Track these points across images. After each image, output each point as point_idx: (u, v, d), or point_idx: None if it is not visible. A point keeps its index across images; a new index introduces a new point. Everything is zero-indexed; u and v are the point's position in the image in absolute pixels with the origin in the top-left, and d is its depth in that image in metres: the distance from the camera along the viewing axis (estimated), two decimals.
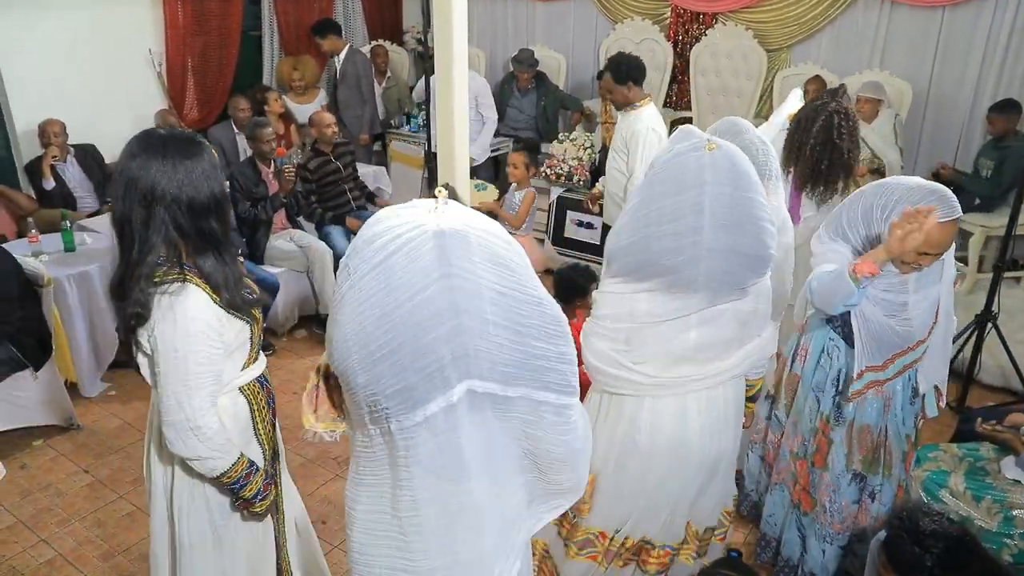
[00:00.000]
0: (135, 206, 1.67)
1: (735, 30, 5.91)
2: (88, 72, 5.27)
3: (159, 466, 1.90)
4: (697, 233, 1.84)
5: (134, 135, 1.75)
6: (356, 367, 1.21)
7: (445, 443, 1.25)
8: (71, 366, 3.86)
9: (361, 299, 1.18)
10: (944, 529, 1.78)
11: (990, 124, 4.80)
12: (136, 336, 1.72)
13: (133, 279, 1.68)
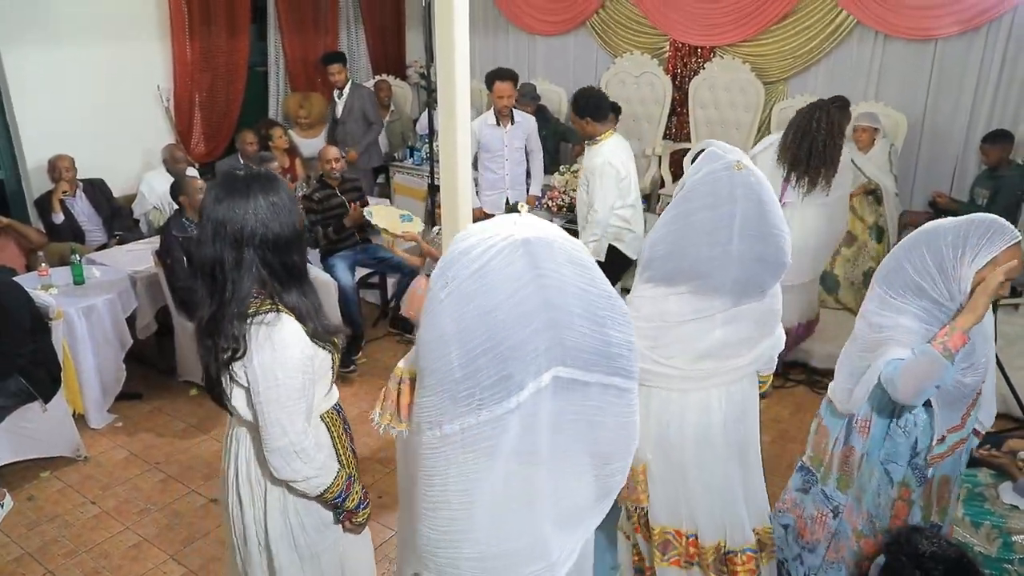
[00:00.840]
0: (226, 248, 1.72)
1: (733, 63, 6.02)
2: (98, 108, 5.38)
3: (249, 495, 1.93)
4: (728, 243, 2.05)
5: (214, 179, 1.84)
6: (455, 363, 1.38)
7: (528, 427, 1.42)
8: (79, 398, 3.90)
9: (462, 302, 1.36)
10: (943, 551, 1.80)
11: (984, 154, 4.87)
12: (231, 370, 1.77)
13: (227, 318, 1.73)
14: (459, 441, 1.43)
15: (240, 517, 1.96)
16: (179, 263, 4.16)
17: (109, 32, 5.36)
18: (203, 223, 1.76)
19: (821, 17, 5.58)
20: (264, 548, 1.97)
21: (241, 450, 1.92)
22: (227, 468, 1.98)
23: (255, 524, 1.95)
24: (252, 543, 1.97)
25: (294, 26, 6.70)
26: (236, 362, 1.75)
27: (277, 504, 1.92)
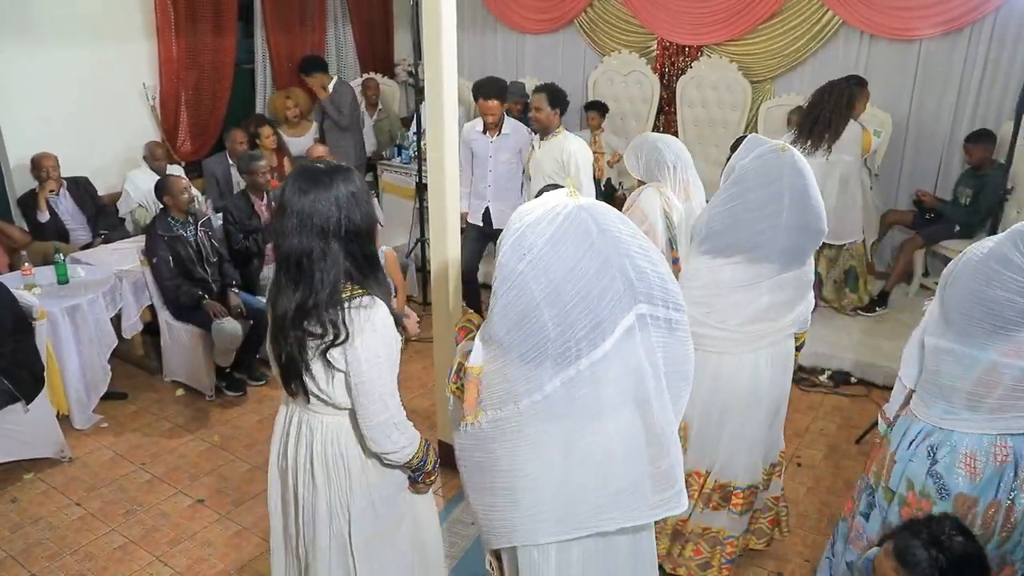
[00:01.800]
0: (313, 239, 1.79)
1: (720, 62, 6.04)
2: (82, 106, 5.33)
3: (325, 478, 1.99)
4: (778, 216, 2.36)
5: (293, 172, 1.86)
6: (549, 324, 1.61)
7: (624, 369, 1.64)
8: (63, 398, 3.87)
9: (545, 265, 1.60)
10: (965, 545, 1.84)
11: (967, 154, 4.91)
12: (328, 356, 1.83)
13: (321, 306, 1.80)
14: (562, 397, 1.65)
15: (312, 503, 2.02)
16: (165, 262, 4.14)
17: (94, 30, 5.32)
18: (286, 215, 1.80)
19: (807, 17, 5.60)
20: (341, 529, 2.03)
21: (317, 435, 1.98)
22: (294, 457, 2.03)
23: (334, 506, 2.01)
24: (324, 527, 2.03)
25: (281, 24, 6.66)
26: (336, 348, 1.81)
27: (360, 482, 2.00)
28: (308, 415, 1.99)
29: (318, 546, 2.06)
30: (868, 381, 4.42)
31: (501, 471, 1.78)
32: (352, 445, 1.99)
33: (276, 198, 4.65)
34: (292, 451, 2.04)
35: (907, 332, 4.81)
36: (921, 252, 5.16)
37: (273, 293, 1.90)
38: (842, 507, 3.35)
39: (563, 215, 1.62)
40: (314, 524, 2.04)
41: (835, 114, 4.43)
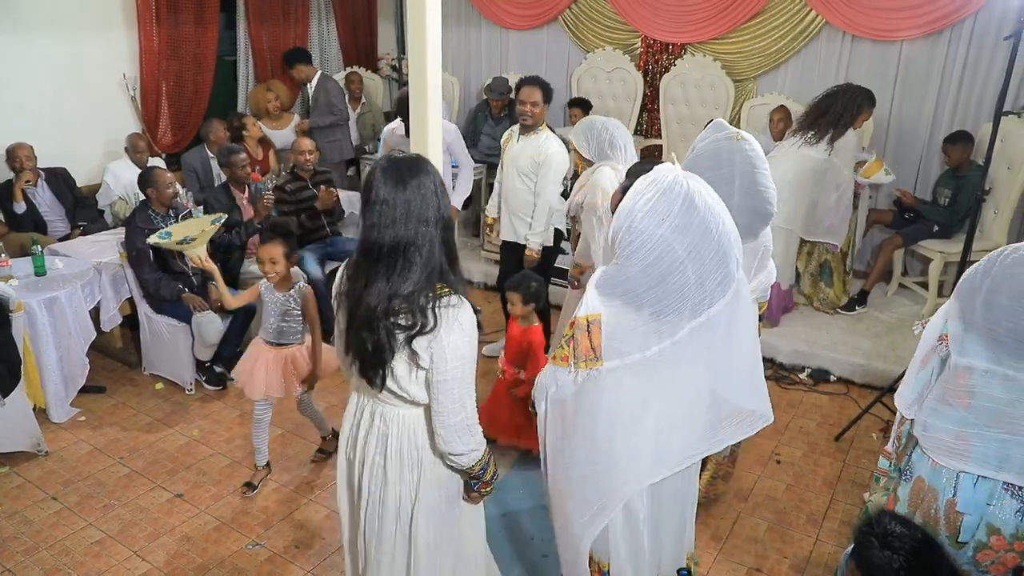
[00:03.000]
0: (414, 229, 1.80)
1: (703, 60, 6.06)
2: (61, 96, 5.26)
3: (398, 473, 1.99)
4: (728, 199, 2.29)
5: (382, 165, 1.86)
6: (691, 278, 1.92)
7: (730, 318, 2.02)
8: (40, 392, 3.83)
9: (684, 227, 1.91)
10: (910, 532, 1.84)
11: (946, 155, 4.97)
12: (412, 350, 1.82)
13: (413, 295, 1.80)
14: (687, 343, 1.98)
15: (381, 495, 2.02)
16: (145, 255, 4.09)
17: (73, 19, 5.24)
18: (378, 207, 1.81)
19: (790, 17, 5.64)
20: (407, 525, 2.03)
21: (392, 428, 1.97)
22: (363, 448, 2.03)
23: (403, 501, 2.01)
24: (392, 520, 2.03)
25: (264, 16, 6.61)
26: (422, 339, 1.81)
27: (429, 477, 2.00)
28: (383, 407, 1.98)
29: (383, 539, 2.05)
30: (847, 379, 4.46)
31: (621, 421, 2.06)
32: (427, 439, 1.99)
33: (258, 191, 4.62)
34: (362, 442, 2.04)
35: (886, 331, 4.92)
36: (900, 252, 5.22)
37: (356, 287, 1.87)
38: (821, 503, 3.40)
39: (684, 184, 1.93)
40: (381, 517, 2.04)
41: (844, 113, 4.59)
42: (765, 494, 3.47)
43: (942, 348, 2.16)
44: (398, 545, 2.06)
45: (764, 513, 3.34)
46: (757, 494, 3.47)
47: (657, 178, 1.94)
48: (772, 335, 4.60)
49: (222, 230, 4.27)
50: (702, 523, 3.15)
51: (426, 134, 3.12)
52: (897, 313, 5.05)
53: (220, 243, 4.46)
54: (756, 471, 3.63)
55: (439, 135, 3.22)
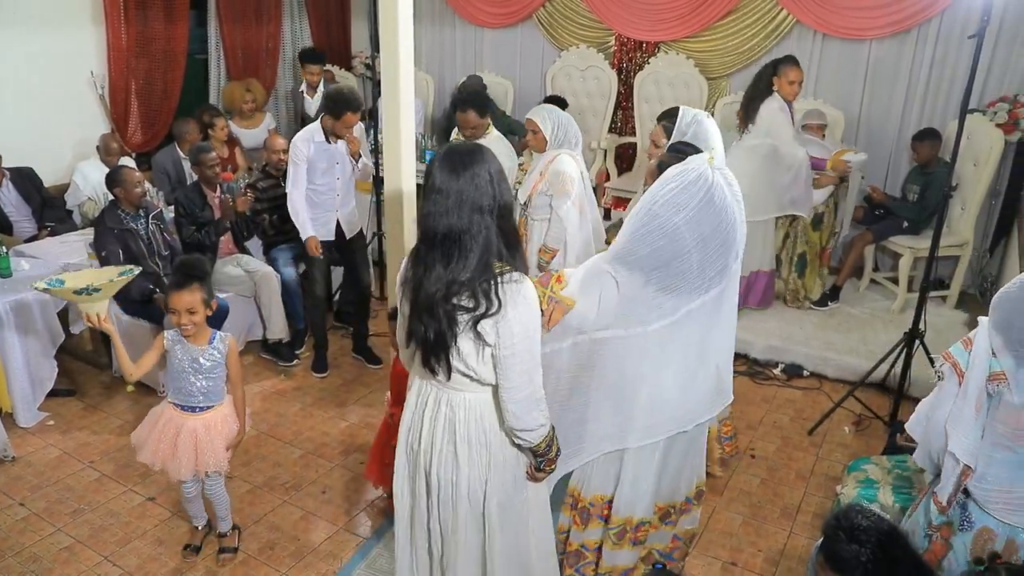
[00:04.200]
0: (470, 217, 1.85)
1: (677, 59, 6.09)
2: (27, 94, 5.17)
3: (468, 456, 2.03)
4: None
5: (441, 155, 1.92)
6: (695, 265, 2.16)
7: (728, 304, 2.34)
8: (6, 395, 3.76)
9: (698, 220, 2.14)
10: (876, 524, 1.86)
11: (915, 152, 5.04)
12: (478, 330, 1.86)
13: (472, 280, 1.85)
14: (684, 322, 2.23)
15: (453, 480, 2.05)
16: (114, 255, 4.02)
17: (39, 15, 5.15)
18: (435, 196, 1.87)
19: (762, 16, 5.69)
20: (480, 507, 2.07)
21: (460, 412, 2.01)
22: (430, 435, 2.05)
23: (474, 484, 2.05)
24: (464, 504, 2.07)
25: (235, 14, 6.53)
26: (488, 320, 1.85)
27: (498, 458, 2.05)
28: (448, 393, 2.01)
29: (458, 524, 2.09)
30: (820, 374, 4.50)
31: (626, 383, 2.31)
32: (494, 421, 2.03)
33: (230, 189, 4.56)
34: (428, 429, 2.06)
35: (858, 326, 4.98)
36: (871, 247, 5.29)
37: (417, 273, 1.92)
38: (795, 497, 3.43)
39: (711, 182, 2.13)
40: (455, 501, 2.07)
41: (754, 98, 4.65)
42: (740, 488, 3.50)
43: (997, 387, 1.98)
44: (472, 528, 2.10)
45: (739, 507, 3.37)
46: (732, 488, 3.50)
47: (685, 170, 2.15)
48: (746, 331, 4.63)
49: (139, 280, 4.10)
50: None
51: (399, 132, 3.12)
52: (869, 308, 5.11)
53: (191, 243, 4.41)
54: (731, 465, 3.66)
55: (412, 133, 3.22)
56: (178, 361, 2.75)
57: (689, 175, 2.14)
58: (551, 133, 3.66)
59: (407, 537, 2.25)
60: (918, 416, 2.22)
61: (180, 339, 2.75)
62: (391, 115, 3.14)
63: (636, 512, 2.54)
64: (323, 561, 3.01)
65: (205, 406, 2.81)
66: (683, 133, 3.03)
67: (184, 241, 4.40)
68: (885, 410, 4.03)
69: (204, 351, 2.77)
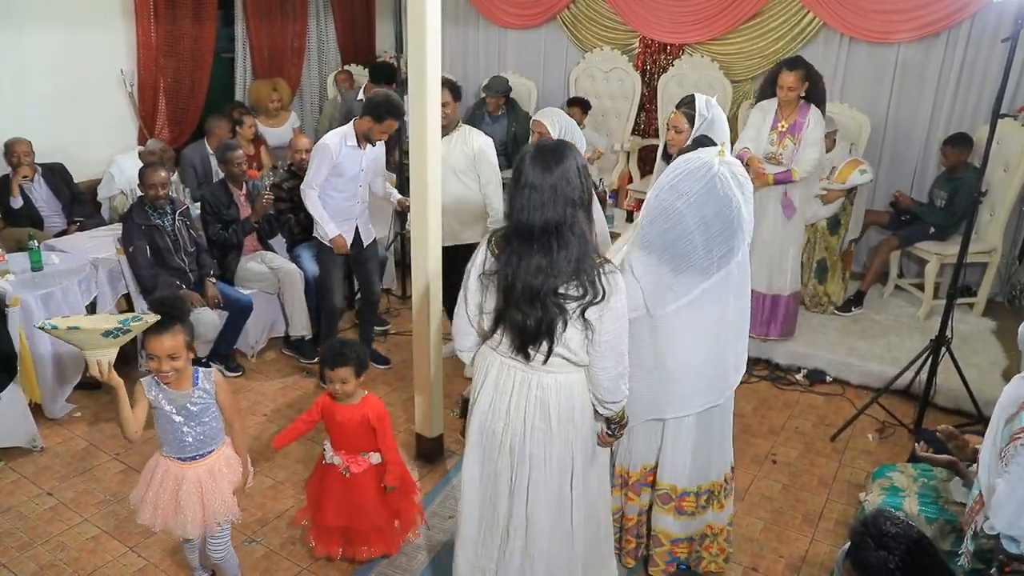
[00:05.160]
0: (564, 210, 1.98)
1: (701, 61, 6.07)
2: (59, 91, 5.25)
3: (561, 431, 2.17)
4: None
5: (532, 152, 2.03)
6: (699, 247, 2.31)
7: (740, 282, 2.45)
8: (35, 387, 3.81)
9: (700, 205, 2.27)
10: (905, 531, 1.84)
11: (943, 156, 4.99)
12: (585, 317, 2.01)
13: (579, 271, 1.99)
14: (699, 301, 2.37)
15: (546, 456, 2.18)
16: (141, 251, 4.08)
17: (71, 14, 5.23)
18: (528, 191, 1.99)
19: (788, 18, 5.65)
20: (568, 476, 2.22)
21: (551, 394, 2.14)
22: (520, 415, 2.16)
23: (564, 457, 2.19)
24: (555, 477, 2.20)
25: (262, 13, 6.60)
26: (595, 308, 1.99)
27: (583, 433, 2.21)
28: (538, 375, 2.13)
29: (548, 495, 2.21)
30: (843, 380, 4.47)
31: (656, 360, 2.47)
32: (582, 398, 2.17)
33: (255, 188, 4.61)
34: (516, 411, 2.16)
35: (882, 332, 4.93)
36: (897, 253, 5.24)
37: (511, 265, 2.02)
38: (817, 503, 3.41)
39: (714, 172, 2.26)
40: (545, 476, 2.19)
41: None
42: (761, 494, 3.48)
43: None
44: (560, 497, 2.23)
45: (760, 512, 3.35)
46: (753, 494, 3.48)
47: (691, 158, 2.30)
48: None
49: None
50: None
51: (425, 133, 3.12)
52: (893, 315, 5.06)
53: (216, 241, 4.46)
54: (752, 470, 3.64)
55: (438, 133, 3.23)
56: (164, 412, 2.43)
57: (693, 163, 2.28)
58: (558, 135, 3.69)
59: (475, 520, 2.34)
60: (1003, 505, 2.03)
61: (161, 387, 2.42)
62: (418, 116, 3.15)
63: (679, 482, 2.72)
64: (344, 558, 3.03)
65: (204, 452, 2.50)
66: (704, 117, 3.13)
67: (210, 238, 4.45)
68: (910, 418, 3.99)
69: (190, 395, 2.44)
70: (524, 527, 2.26)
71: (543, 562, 2.29)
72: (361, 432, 2.81)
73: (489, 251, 2.11)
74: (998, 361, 4.42)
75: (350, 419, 2.79)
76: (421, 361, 3.45)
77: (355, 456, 2.83)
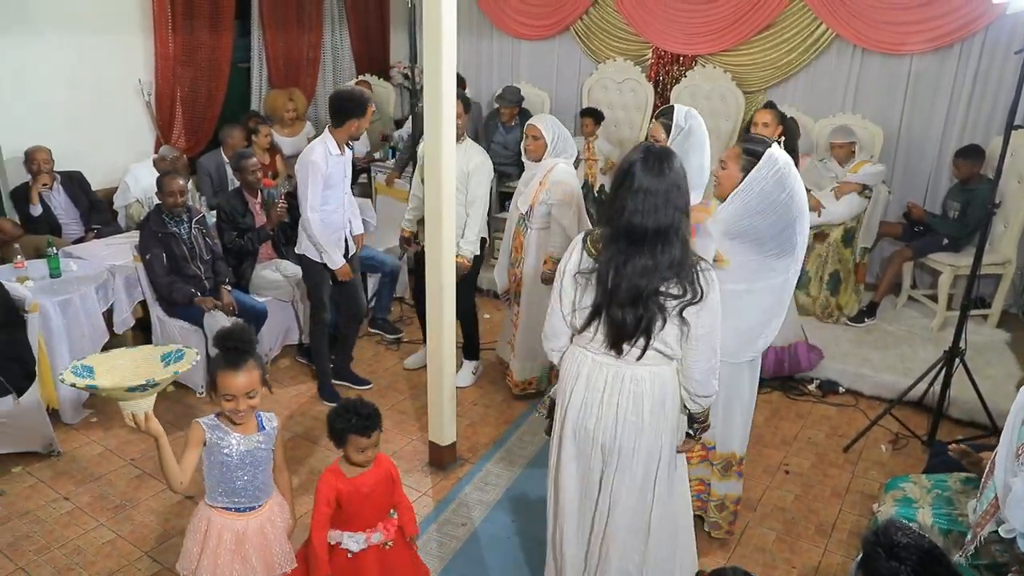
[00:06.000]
0: (672, 214, 2.09)
1: (714, 72, 6.09)
2: (77, 100, 5.31)
3: (652, 423, 2.25)
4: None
5: (642, 157, 2.13)
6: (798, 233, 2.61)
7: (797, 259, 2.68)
8: (53, 392, 3.85)
9: (800, 198, 2.59)
10: (916, 542, 1.83)
11: (956, 168, 4.98)
12: (683, 315, 2.13)
13: (681, 272, 2.10)
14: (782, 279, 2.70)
15: (635, 448, 2.26)
16: (158, 259, 4.13)
17: (90, 24, 5.30)
18: (641, 195, 2.08)
19: (801, 30, 5.67)
20: (655, 466, 2.29)
21: (645, 387, 2.23)
22: (615, 408, 2.24)
23: (653, 447, 2.27)
24: (642, 466, 2.28)
25: (278, 23, 6.66)
26: (694, 307, 2.11)
27: (672, 424, 2.30)
28: (632, 369, 2.22)
29: (636, 484, 2.30)
30: (856, 391, 4.46)
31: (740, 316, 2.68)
32: (673, 389, 2.27)
33: (270, 196, 4.65)
34: (608, 405, 2.25)
35: (895, 343, 4.91)
36: (910, 264, 5.23)
37: (615, 264, 2.12)
38: (830, 514, 3.40)
39: (784, 159, 2.54)
40: (633, 466, 2.28)
41: None
42: (773, 504, 3.47)
43: None
44: (644, 487, 2.31)
45: (772, 523, 3.35)
46: (765, 504, 3.47)
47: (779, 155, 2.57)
48: None
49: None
50: (709, 532, 3.16)
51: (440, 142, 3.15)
52: (906, 326, 5.05)
53: (232, 249, 4.50)
54: (764, 481, 3.64)
55: (453, 143, 3.26)
56: (225, 456, 2.21)
57: (781, 159, 2.54)
58: (551, 141, 3.80)
59: (574, 516, 2.41)
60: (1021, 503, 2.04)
61: (223, 429, 2.23)
62: (433, 127, 3.18)
63: (736, 449, 2.99)
64: None
65: (260, 504, 2.31)
66: (680, 128, 3.18)
67: (225, 246, 4.50)
68: (923, 429, 3.97)
69: (257, 439, 2.27)
70: (606, 518, 2.35)
71: (616, 553, 2.37)
72: (387, 492, 2.47)
73: (585, 251, 2.21)
74: (1012, 373, 4.40)
75: (376, 484, 2.41)
76: (435, 370, 3.47)
77: (387, 521, 2.48)
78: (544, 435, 2.92)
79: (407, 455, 3.78)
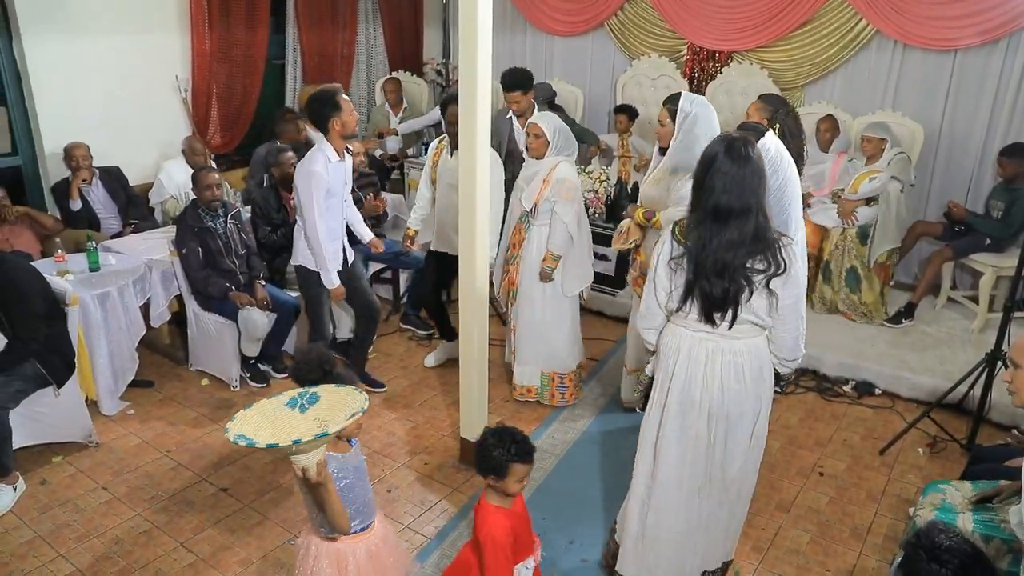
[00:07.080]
0: (757, 196, 2.27)
1: (750, 68, 6.01)
2: (115, 96, 5.40)
3: (754, 391, 2.46)
4: None
5: (726, 147, 2.27)
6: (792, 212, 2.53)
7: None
8: (92, 384, 3.93)
9: (794, 180, 2.54)
10: (959, 545, 1.80)
11: (1000, 167, 4.85)
12: (770, 287, 2.30)
13: (767, 247, 2.27)
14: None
15: (740, 412, 2.46)
16: (194, 253, 4.18)
17: (129, 21, 5.38)
18: (728, 178, 2.24)
19: (840, 25, 5.57)
20: (752, 425, 2.51)
21: (744, 357, 2.42)
22: (719, 378, 2.42)
23: (752, 410, 2.49)
24: (747, 427, 2.50)
25: (312, 20, 6.71)
26: (779, 278, 2.28)
27: (767, 387, 2.51)
28: (728, 342, 2.40)
29: (739, 442, 2.51)
30: (893, 393, 4.37)
31: None
32: (767, 357, 2.47)
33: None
34: (712, 376, 2.43)
35: (934, 344, 4.83)
36: (950, 265, 5.11)
37: (702, 241, 2.28)
38: (865, 517, 3.34)
39: (778, 143, 2.57)
40: (739, 429, 2.49)
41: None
42: (807, 506, 3.42)
43: None
44: (744, 447, 2.53)
45: (806, 525, 3.30)
46: (799, 506, 3.43)
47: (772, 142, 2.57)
48: (816, 346, 4.52)
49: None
50: (743, 534, 3.12)
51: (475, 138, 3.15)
52: (945, 327, 4.95)
53: (266, 243, 4.54)
54: (798, 483, 3.59)
55: (487, 139, 3.25)
56: (348, 480, 2.17)
57: (773, 146, 2.55)
58: (553, 139, 3.82)
59: (677, 483, 2.58)
60: None
61: (332, 456, 2.12)
62: (467, 123, 3.18)
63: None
64: None
65: (373, 519, 2.29)
66: (686, 113, 3.32)
67: (260, 241, 4.54)
68: (962, 433, 3.89)
69: (357, 455, 2.24)
70: (721, 470, 2.55)
71: (735, 487, 2.62)
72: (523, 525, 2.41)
73: (674, 240, 2.38)
74: None
75: (524, 509, 2.41)
76: (467, 367, 3.47)
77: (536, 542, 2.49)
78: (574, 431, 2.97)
79: (438, 451, 3.79)
